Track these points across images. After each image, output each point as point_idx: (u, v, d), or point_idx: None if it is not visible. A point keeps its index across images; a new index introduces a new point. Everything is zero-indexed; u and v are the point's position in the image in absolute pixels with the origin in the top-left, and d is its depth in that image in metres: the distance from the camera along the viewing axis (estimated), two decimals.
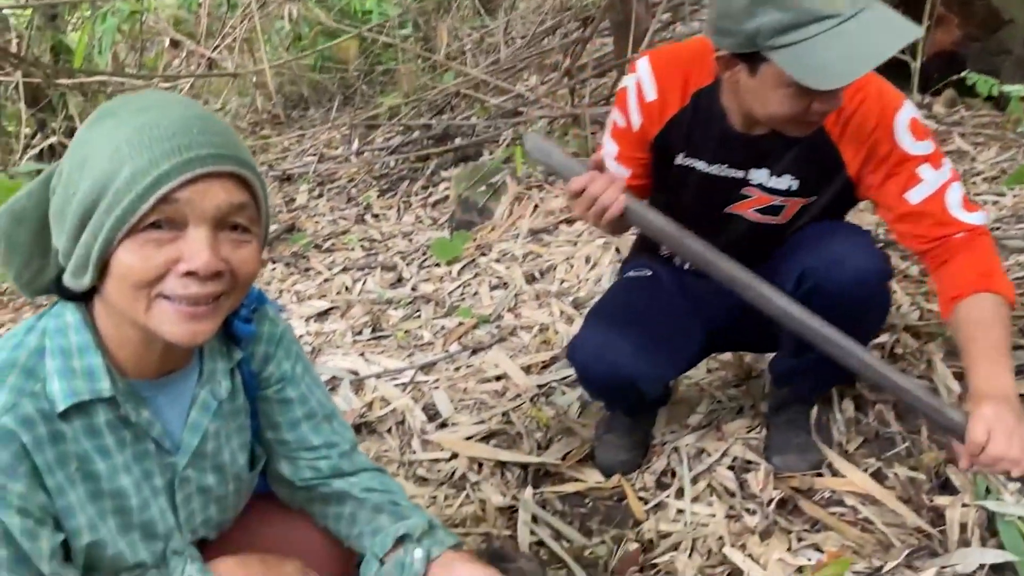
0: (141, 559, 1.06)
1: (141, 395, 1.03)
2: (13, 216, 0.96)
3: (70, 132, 4.09)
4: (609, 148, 1.73)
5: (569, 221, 3.35)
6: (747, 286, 1.41)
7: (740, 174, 1.62)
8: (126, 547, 1.04)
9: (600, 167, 1.46)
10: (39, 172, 1.05)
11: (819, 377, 1.79)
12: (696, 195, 1.68)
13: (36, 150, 3.94)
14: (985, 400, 1.34)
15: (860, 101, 1.49)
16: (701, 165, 1.64)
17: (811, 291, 1.54)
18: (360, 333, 2.94)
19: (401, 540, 1.20)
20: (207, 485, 1.12)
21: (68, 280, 0.95)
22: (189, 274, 0.91)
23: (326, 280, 3.44)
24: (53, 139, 3.90)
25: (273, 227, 4.00)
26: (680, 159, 1.66)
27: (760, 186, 1.62)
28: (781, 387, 1.88)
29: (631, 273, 1.87)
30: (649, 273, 1.83)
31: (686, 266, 1.82)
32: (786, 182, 1.60)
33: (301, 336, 2.97)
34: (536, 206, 3.51)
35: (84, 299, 0.99)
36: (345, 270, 3.49)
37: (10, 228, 0.97)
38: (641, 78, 1.63)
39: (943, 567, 1.51)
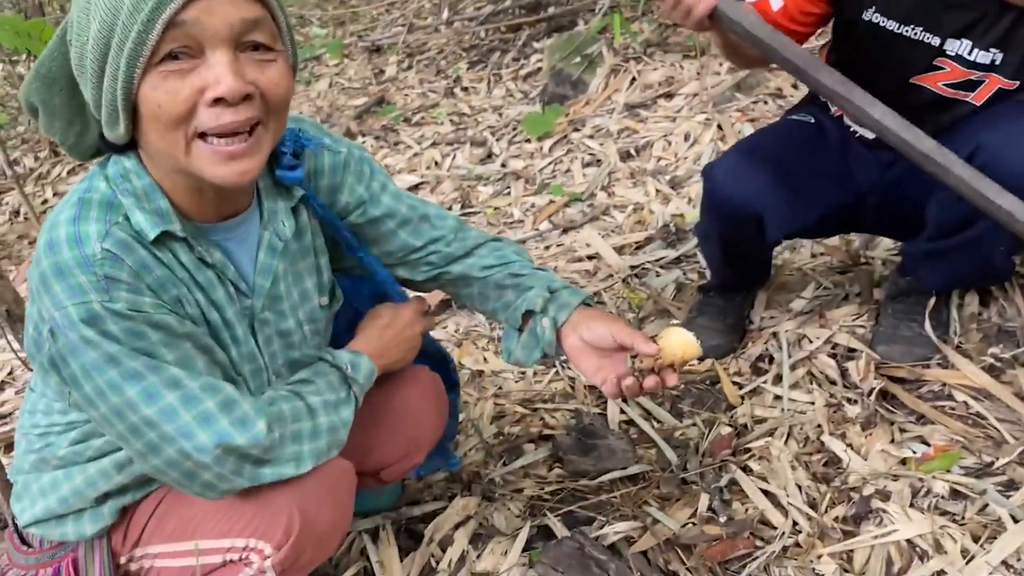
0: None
1: (210, 238, 1.03)
2: (42, 80, 0.94)
3: None
4: None
5: (668, 95, 3.19)
6: (866, 108, 1.29)
7: (936, 41, 1.46)
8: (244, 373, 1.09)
9: None
10: None
11: (951, 270, 1.67)
12: (880, 58, 1.53)
13: None
14: None
15: None
16: (892, 24, 1.48)
17: (980, 168, 1.40)
18: (450, 209, 2.92)
19: (529, 313, 1.23)
20: (286, 328, 1.13)
21: (106, 133, 0.94)
22: (218, 102, 0.87)
23: (415, 155, 3.40)
24: None
25: (363, 100, 3.95)
26: (868, 15, 1.50)
27: (957, 57, 1.46)
28: (905, 275, 1.76)
29: (795, 116, 1.76)
30: (812, 120, 1.72)
31: (852, 129, 1.70)
32: (989, 56, 1.44)
33: None
34: (633, 79, 3.34)
35: (130, 152, 0.98)
36: (434, 144, 3.43)
37: (43, 93, 0.95)
38: None
39: None
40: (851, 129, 1.70)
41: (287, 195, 1.12)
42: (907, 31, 1.47)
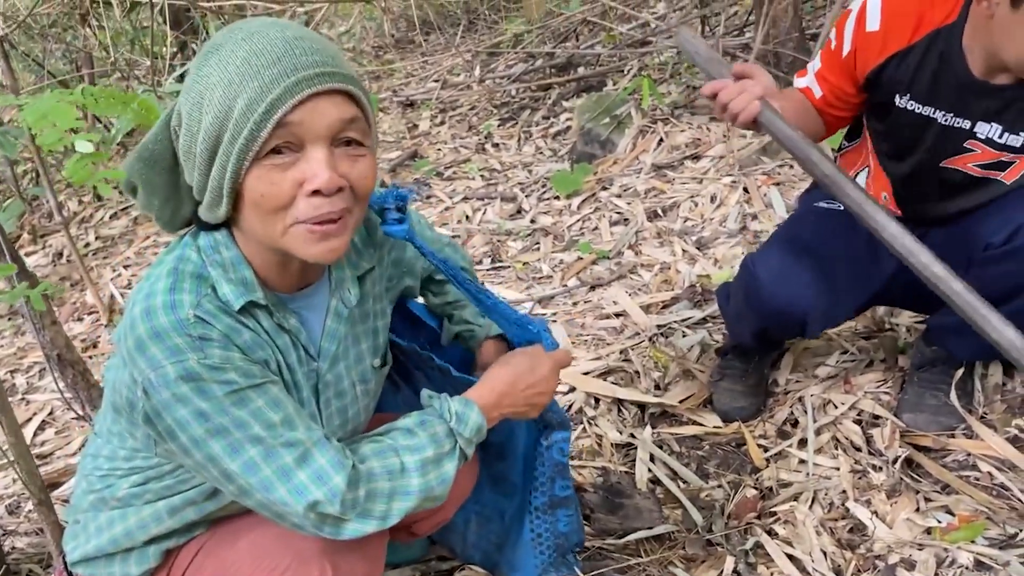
0: None
1: (288, 306, 1.11)
2: (145, 161, 1.02)
3: None
4: (815, 62, 1.66)
5: (695, 157, 3.26)
6: (882, 226, 1.33)
7: (966, 125, 1.51)
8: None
9: (743, 75, 1.40)
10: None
11: (981, 341, 1.69)
12: (913, 141, 1.58)
13: (178, 72, 4.11)
14: None
15: None
16: (925, 111, 1.54)
17: (1019, 249, 1.45)
18: (480, 263, 2.99)
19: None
20: (341, 389, 1.20)
21: (204, 213, 1.01)
22: (315, 193, 0.95)
23: (447, 208, 3.49)
24: None
25: (396, 153, 4.07)
26: (901, 101, 1.56)
27: (988, 141, 1.51)
28: (931, 344, 1.79)
29: (823, 204, 1.78)
30: (841, 208, 1.72)
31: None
32: (1020, 139, 1.48)
33: None
34: (661, 140, 3.43)
35: (221, 228, 1.05)
36: (466, 199, 3.52)
37: (145, 172, 1.02)
38: (868, 5, 1.53)
39: None
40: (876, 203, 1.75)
41: (355, 265, 1.20)
42: (939, 116, 1.52)
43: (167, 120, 1.00)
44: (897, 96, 1.56)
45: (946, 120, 1.52)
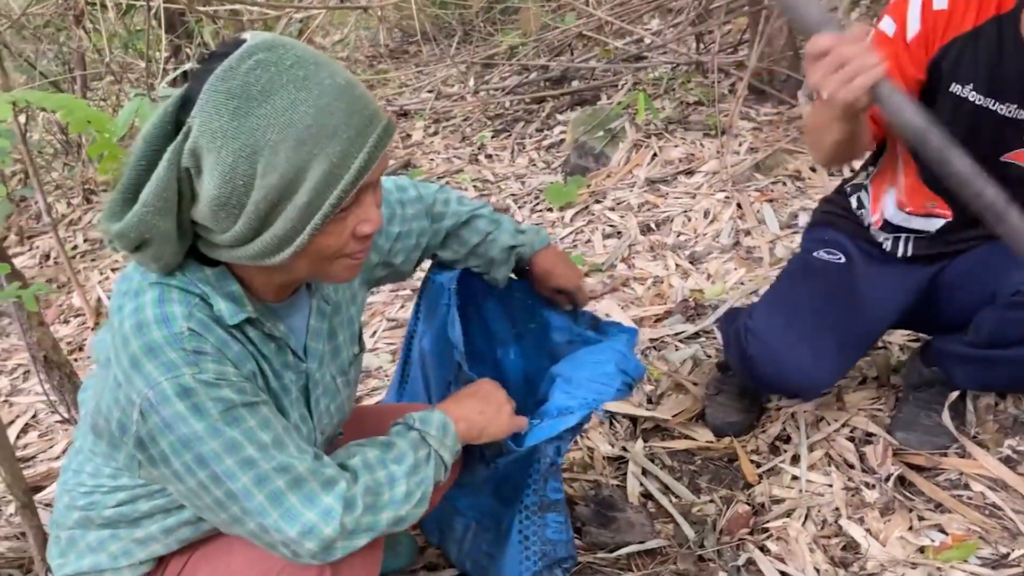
0: None
1: (276, 313, 1.10)
2: (160, 212, 0.93)
3: (202, 59, 4.19)
4: None
5: (688, 172, 3.27)
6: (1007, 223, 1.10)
7: None
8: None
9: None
10: None
11: (991, 376, 1.67)
12: (967, 134, 1.42)
13: (171, 76, 4.08)
14: None
15: None
16: (986, 102, 1.44)
17: None
18: None
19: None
20: (328, 384, 1.20)
21: (249, 258, 0.97)
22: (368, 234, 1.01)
23: None
24: (188, 65, 4.02)
25: (390, 163, 4.06)
26: (963, 91, 1.45)
27: None
28: (930, 364, 1.78)
29: (823, 255, 1.72)
30: (842, 260, 1.69)
31: (880, 239, 1.69)
32: None
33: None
34: (655, 155, 3.43)
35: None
36: None
37: (160, 222, 0.94)
38: None
39: None
40: (875, 239, 1.70)
41: None
42: (1000, 108, 1.44)
43: (175, 161, 0.92)
44: (955, 84, 1.45)
45: (1009, 112, 1.42)
